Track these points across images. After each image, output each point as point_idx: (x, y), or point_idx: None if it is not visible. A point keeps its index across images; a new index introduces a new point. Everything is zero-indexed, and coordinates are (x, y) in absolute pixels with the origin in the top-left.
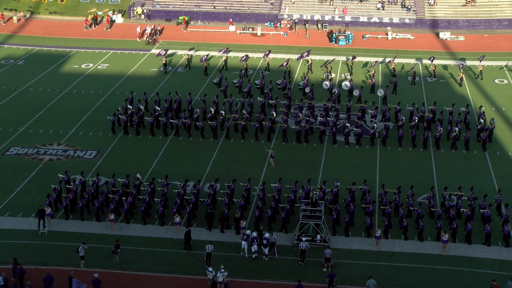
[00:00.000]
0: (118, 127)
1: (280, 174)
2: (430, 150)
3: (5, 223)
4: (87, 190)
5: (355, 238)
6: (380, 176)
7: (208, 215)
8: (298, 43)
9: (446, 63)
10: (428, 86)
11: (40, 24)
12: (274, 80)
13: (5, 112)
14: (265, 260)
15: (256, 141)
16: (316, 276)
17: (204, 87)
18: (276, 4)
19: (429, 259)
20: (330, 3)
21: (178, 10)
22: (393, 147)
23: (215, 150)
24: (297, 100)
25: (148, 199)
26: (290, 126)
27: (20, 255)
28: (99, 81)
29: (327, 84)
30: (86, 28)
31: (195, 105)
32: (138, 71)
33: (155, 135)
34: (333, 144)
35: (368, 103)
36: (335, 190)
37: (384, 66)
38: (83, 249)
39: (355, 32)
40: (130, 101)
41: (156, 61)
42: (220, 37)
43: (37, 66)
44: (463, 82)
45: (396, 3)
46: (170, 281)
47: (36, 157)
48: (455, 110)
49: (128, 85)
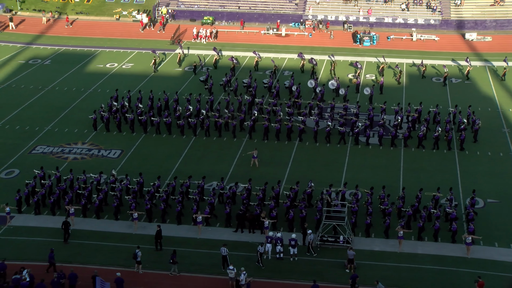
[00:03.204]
0: (100, 123)
1: (301, 175)
2: (455, 151)
3: (31, 221)
4: (59, 186)
5: (377, 239)
6: (404, 177)
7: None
8: (322, 44)
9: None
10: (453, 87)
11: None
12: (281, 81)
13: (32, 111)
14: (292, 260)
15: (278, 142)
16: (338, 277)
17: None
18: (300, 4)
19: (452, 261)
20: (354, 4)
21: (202, 10)
22: (416, 148)
23: (238, 150)
24: (297, 100)
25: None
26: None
27: (45, 252)
28: (123, 80)
29: (334, 83)
30: (142, 30)
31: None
32: (162, 71)
33: (135, 132)
34: (356, 144)
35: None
36: (309, 190)
37: (411, 66)
38: (139, 253)
39: (379, 33)
40: (115, 99)
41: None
42: (244, 38)
43: (62, 66)
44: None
45: (421, 4)
46: (192, 280)
47: (61, 156)
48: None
49: (152, 84)
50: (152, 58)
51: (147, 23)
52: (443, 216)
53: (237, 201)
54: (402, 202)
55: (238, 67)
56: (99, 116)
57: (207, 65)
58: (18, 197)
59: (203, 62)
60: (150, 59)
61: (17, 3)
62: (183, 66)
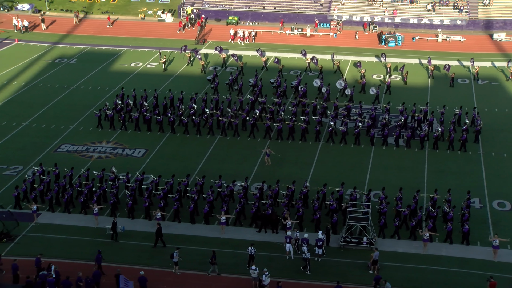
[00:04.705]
0: (104, 122)
1: (326, 176)
2: (480, 153)
3: (56, 219)
4: (58, 182)
5: (401, 240)
6: (428, 179)
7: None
8: (347, 44)
9: (499, 65)
10: (479, 88)
11: (93, 23)
12: (289, 81)
13: (57, 110)
14: (317, 261)
15: (304, 142)
16: (362, 278)
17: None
18: (325, 5)
19: (478, 264)
20: (380, 4)
21: (227, 10)
22: (441, 150)
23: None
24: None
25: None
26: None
27: (70, 250)
28: (148, 79)
29: (341, 83)
30: (179, 31)
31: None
32: (187, 71)
33: (141, 130)
34: (382, 146)
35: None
36: (305, 190)
37: (442, 68)
38: (178, 255)
39: (404, 33)
40: (120, 97)
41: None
42: (269, 38)
43: (88, 65)
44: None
45: (447, 4)
46: (215, 280)
47: (86, 155)
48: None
49: (177, 84)
50: (184, 56)
51: (186, 23)
52: (441, 217)
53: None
54: (400, 202)
55: (245, 65)
56: (103, 114)
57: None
58: (17, 193)
59: (205, 63)
60: (175, 58)
61: (46, 3)
62: (208, 67)
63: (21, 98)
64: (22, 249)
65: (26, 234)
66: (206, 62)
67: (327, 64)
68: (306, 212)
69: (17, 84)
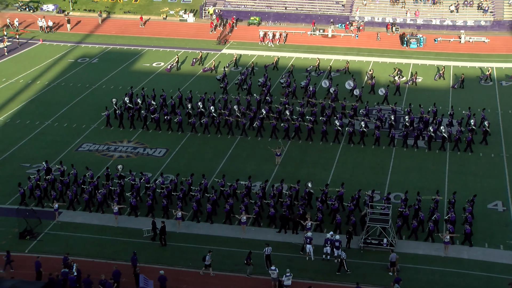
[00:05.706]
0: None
1: (346, 177)
2: (504, 155)
3: (77, 217)
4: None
5: (422, 242)
6: (449, 181)
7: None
8: (369, 45)
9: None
10: (503, 90)
11: (115, 23)
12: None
13: (79, 109)
14: (336, 262)
15: (325, 143)
16: (382, 280)
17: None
18: (347, 6)
19: (501, 268)
20: (402, 5)
21: (249, 10)
22: (463, 152)
23: (284, 150)
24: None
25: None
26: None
27: (90, 248)
28: (169, 79)
29: (350, 84)
30: (211, 31)
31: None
32: (209, 73)
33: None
34: (403, 147)
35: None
36: (307, 190)
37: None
38: (210, 258)
39: (426, 35)
40: (129, 95)
41: (226, 61)
42: (291, 38)
43: (110, 64)
44: None
45: (471, 5)
46: (234, 280)
47: (106, 154)
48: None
49: (198, 84)
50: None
51: (217, 23)
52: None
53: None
54: (404, 204)
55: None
56: (112, 113)
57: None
58: (23, 191)
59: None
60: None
61: (70, 3)
62: (230, 67)
63: (44, 98)
64: (45, 246)
65: (48, 232)
66: (218, 63)
67: (339, 64)
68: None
69: (41, 83)
